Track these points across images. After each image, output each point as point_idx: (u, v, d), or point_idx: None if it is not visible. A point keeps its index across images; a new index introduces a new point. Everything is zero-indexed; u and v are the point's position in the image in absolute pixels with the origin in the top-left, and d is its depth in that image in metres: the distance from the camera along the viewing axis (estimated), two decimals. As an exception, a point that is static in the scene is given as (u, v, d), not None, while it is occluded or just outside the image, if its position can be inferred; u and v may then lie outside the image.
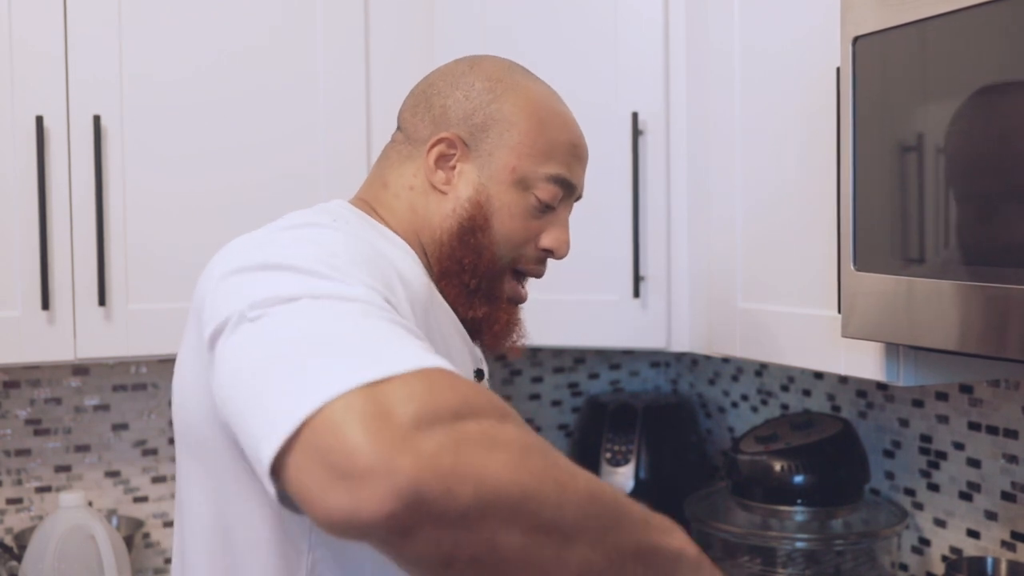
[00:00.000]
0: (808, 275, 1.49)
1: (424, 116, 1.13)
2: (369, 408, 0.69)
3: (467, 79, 1.12)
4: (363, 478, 0.67)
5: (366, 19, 1.86)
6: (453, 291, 1.10)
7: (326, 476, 0.69)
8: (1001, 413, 1.61)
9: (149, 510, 2.08)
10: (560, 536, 0.74)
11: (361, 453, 0.68)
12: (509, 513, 0.71)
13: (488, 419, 0.74)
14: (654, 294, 1.79)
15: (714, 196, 1.69)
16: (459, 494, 0.68)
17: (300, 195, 1.80)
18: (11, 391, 1.99)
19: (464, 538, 0.70)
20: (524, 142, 1.10)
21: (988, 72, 1.09)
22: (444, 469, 0.68)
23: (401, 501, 0.67)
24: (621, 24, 1.79)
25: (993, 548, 1.63)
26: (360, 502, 0.67)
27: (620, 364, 2.44)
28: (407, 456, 0.68)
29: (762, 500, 1.75)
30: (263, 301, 0.81)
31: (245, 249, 0.92)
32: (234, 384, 0.80)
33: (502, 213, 1.10)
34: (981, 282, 1.09)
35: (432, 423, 0.70)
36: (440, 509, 0.68)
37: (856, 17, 1.24)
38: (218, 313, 0.85)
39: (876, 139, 1.23)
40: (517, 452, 0.73)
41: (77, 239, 1.68)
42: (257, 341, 0.80)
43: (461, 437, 0.70)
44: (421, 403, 0.71)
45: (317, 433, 0.70)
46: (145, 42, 1.73)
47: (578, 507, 0.75)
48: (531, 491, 0.72)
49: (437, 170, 1.10)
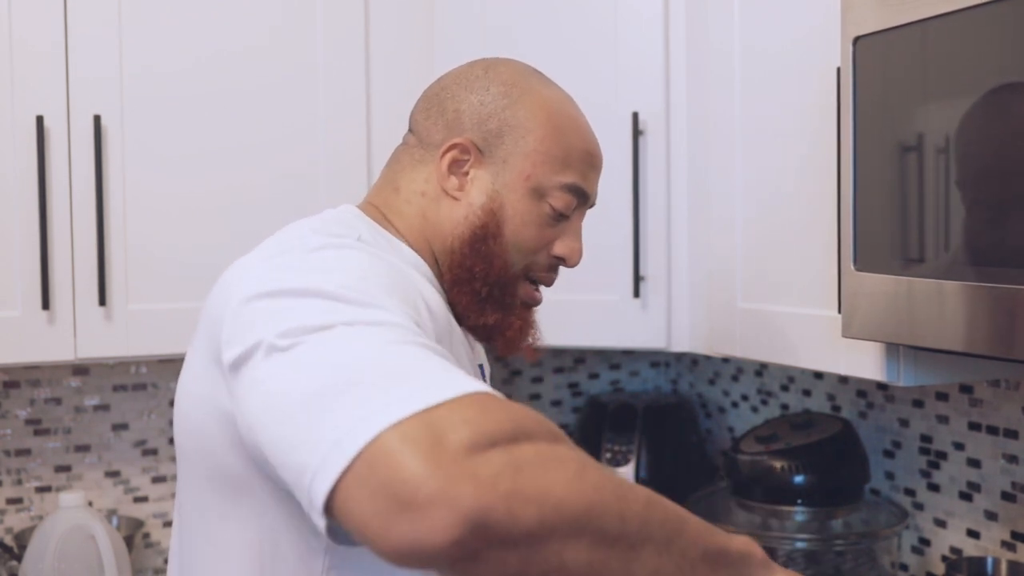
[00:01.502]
0: (808, 275, 1.49)
1: (437, 120, 1.10)
2: (424, 436, 0.69)
3: (482, 83, 1.10)
4: (425, 508, 0.67)
5: (366, 19, 1.86)
6: (464, 299, 1.08)
7: (386, 508, 0.68)
8: (1001, 413, 1.61)
9: (149, 510, 2.08)
10: (626, 546, 0.74)
11: (421, 482, 0.68)
12: (573, 529, 0.71)
13: (541, 440, 0.74)
14: (654, 294, 1.79)
15: (714, 196, 1.69)
16: (522, 515, 0.69)
17: (300, 195, 1.80)
18: (11, 391, 1.99)
19: (531, 557, 0.70)
20: (539, 149, 1.08)
21: (988, 72, 1.09)
22: (505, 491, 0.68)
23: (466, 528, 0.67)
24: (621, 24, 1.79)
25: (993, 548, 1.63)
26: (424, 532, 0.67)
27: (620, 364, 2.44)
28: (467, 482, 0.68)
29: (762, 500, 1.75)
30: (295, 330, 0.80)
31: (268, 272, 0.89)
32: (270, 414, 0.78)
33: (515, 221, 1.08)
34: (981, 282, 1.09)
35: (488, 447, 0.70)
36: (505, 531, 0.68)
37: (856, 17, 1.24)
38: (243, 338, 0.84)
39: (876, 139, 1.23)
40: (574, 469, 0.73)
41: (77, 239, 1.68)
42: (294, 371, 0.78)
43: (518, 459, 0.71)
44: (475, 428, 0.70)
45: (373, 465, 0.69)
46: (145, 42, 1.73)
47: (640, 516, 0.76)
48: (593, 505, 0.72)
49: (450, 176, 1.08)
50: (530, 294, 1.14)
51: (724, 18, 1.66)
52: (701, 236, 1.74)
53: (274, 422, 0.78)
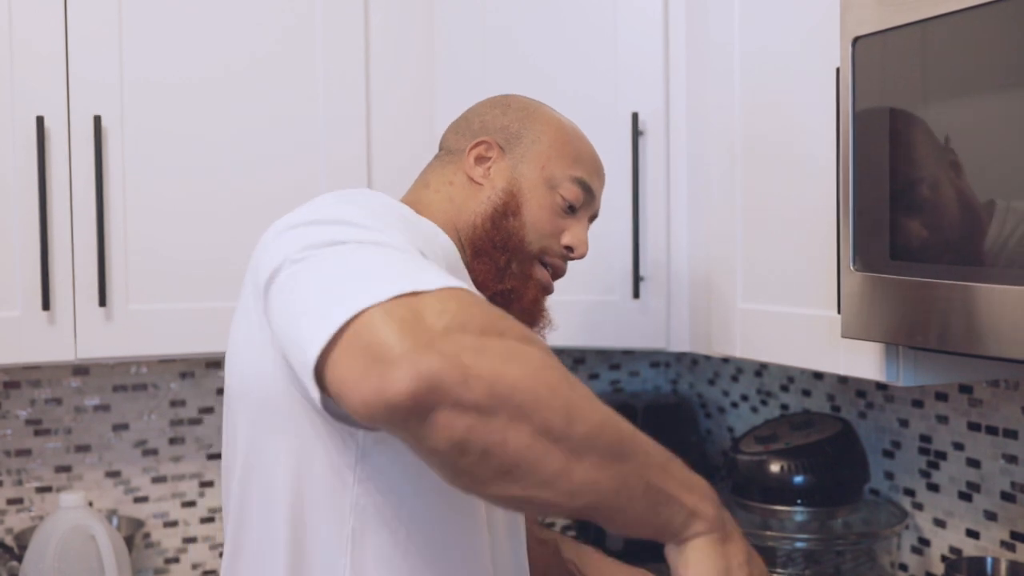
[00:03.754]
0: (808, 275, 1.49)
1: (464, 132, 1.27)
2: (405, 314, 0.80)
3: (503, 102, 1.28)
4: (392, 364, 0.77)
5: (366, 24, 1.86)
6: (484, 268, 1.20)
7: (362, 365, 0.79)
8: (1001, 413, 1.61)
9: (149, 510, 2.08)
10: (567, 448, 0.81)
11: (393, 345, 0.78)
12: (519, 411, 0.79)
13: (512, 339, 0.83)
14: (654, 294, 1.79)
15: (714, 196, 1.69)
16: (475, 386, 0.78)
17: (300, 195, 1.79)
18: (11, 391, 1.99)
19: (476, 427, 0.78)
20: (554, 147, 1.25)
21: (988, 72, 1.09)
22: (463, 364, 0.78)
23: (422, 383, 0.76)
24: (621, 24, 1.79)
25: (993, 548, 1.63)
26: (387, 384, 0.77)
27: (620, 364, 2.44)
28: (432, 351, 0.77)
29: (762, 500, 1.75)
30: (313, 244, 0.91)
31: (296, 213, 1.00)
32: (284, 310, 0.90)
33: (532, 204, 1.22)
34: (981, 282, 1.09)
35: (460, 332, 0.80)
36: (456, 396, 0.77)
37: (856, 17, 1.24)
38: (272, 261, 0.94)
39: (876, 139, 1.23)
40: (535, 366, 0.82)
41: (77, 239, 1.68)
42: (306, 273, 0.89)
43: (484, 345, 0.80)
44: (452, 316, 0.81)
45: (357, 333, 0.80)
46: (146, 41, 1.73)
47: (587, 427, 0.83)
48: (542, 399, 0.81)
49: (476, 166, 1.23)
50: (544, 276, 1.26)
51: (724, 18, 1.66)
52: (701, 236, 1.74)
53: (286, 314, 0.90)
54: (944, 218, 1.15)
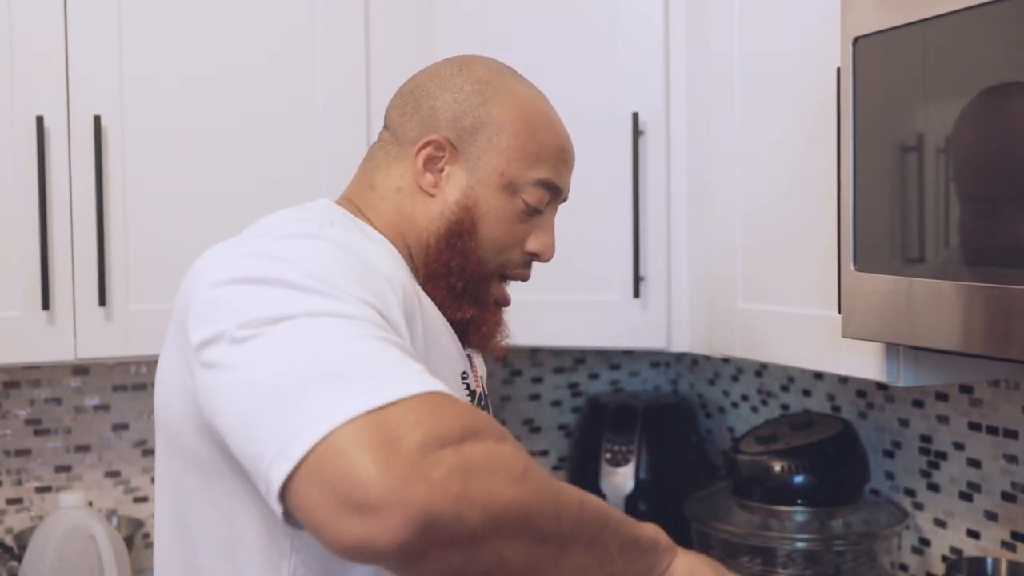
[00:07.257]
0: (808, 275, 1.49)
1: (412, 117, 1.12)
2: (375, 436, 0.72)
3: (456, 81, 1.12)
4: (377, 509, 0.70)
5: (366, 25, 1.86)
6: (440, 294, 1.09)
7: (336, 506, 0.71)
8: (1001, 413, 1.61)
9: (149, 510, 2.08)
10: (558, 544, 0.81)
11: (372, 483, 0.70)
12: (514, 530, 0.77)
13: (488, 440, 0.78)
14: (654, 294, 1.79)
15: (714, 196, 1.69)
16: (469, 517, 0.73)
17: (300, 195, 1.79)
18: (11, 391, 1.99)
19: (473, 556, 0.75)
20: (513, 146, 1.10)
21: (989, 73, 1.09)
22: (455, 494, 0.72)
23: (415, 530, 0.71)
24: (621, 25, 1.79)
25: (993, 548, 1.63)
26: (374, 533, 0.70)
27: (620, 364, 2.44)
28: (418, 485, 0.71)
29: (762, 500, 1.75)
30: (258, 320, 0.82)
31: (234, 260, 0.91)
32: (231, 401, 0.81)
33: (489, 217, 1.10)
34: (981, 282, 1.09)
35: (438, 448, 0.73)
36: (452, 533, 0.72)
37: (856, 17, 1.24)
38: (208, 323, 0.85)
39: (876, 139, 1.23)
40: (519, 472, 0.78)
41: (77, 239, 1.68)
42: (254, 361, 0.80)
43: (467, 460, 0.74)
44: (427, 428, 0.73)
45: (324, 461, 0.72)
46: (145, 41, 1.73)
47: (573, 517, 0.83)
48: (533, 507, 0.78)
49: (425, 172, 1.10)
50: (503, 293, 1.16)
51: (724, 18, 1.66)
52: (701, 236, 1.74)
53: (233, 412, 0.80)
54: (944, 218, 1.15)
